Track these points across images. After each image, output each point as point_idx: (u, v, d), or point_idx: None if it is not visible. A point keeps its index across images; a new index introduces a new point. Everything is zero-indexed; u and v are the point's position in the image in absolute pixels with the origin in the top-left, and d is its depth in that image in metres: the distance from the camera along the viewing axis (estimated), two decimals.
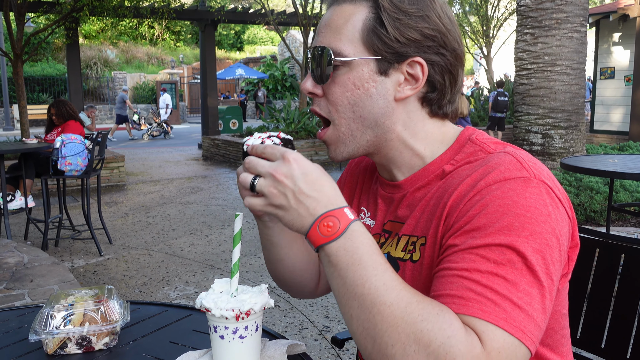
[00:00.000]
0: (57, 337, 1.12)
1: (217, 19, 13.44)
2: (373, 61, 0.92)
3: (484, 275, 0.76)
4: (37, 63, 26.20)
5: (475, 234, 0.80)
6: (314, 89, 0.97)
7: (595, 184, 5.06)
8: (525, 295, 0.76)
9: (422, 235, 0.92)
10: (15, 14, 9.06)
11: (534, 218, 0.79)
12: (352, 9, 0.93)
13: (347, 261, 0.79)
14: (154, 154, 13.74)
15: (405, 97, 0.94)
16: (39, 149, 5.33)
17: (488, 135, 0.99)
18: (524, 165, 0.84)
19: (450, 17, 0.95)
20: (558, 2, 6.21)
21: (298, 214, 0.83)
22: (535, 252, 0.77)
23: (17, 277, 3.51)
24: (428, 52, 0.92)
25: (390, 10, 0.90)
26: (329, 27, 0.95)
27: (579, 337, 1.50)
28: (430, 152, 0.98)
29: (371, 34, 0.91)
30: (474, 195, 0.83)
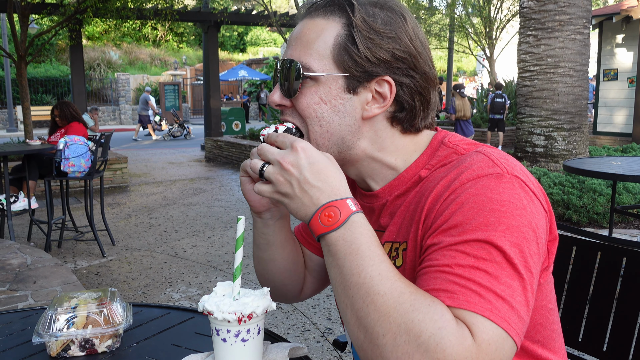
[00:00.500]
0: (60, 339, 1.12)
1: (220, 20, 13.46)
2: (342, 78, 0.93)
3: (465, 269, 0.77)
4: (41, 64, 26.27)
5: (453, 232, 0.81)
6: (281, 100, 0.97)
7: (598, 186, 5.05)
8: (507, 288, 0.76)
9: (404, 240, 0.93)
10: (19, 16, 9.09)
11: (509, 212, 0.80)
12: (325, 24, 0.94)
13: (345, 251, 0.81)
14: (157, 156, 13.76)
15: (373, 115, 0.95)
16: (42, 151, 5.35)
17: (460, 136, 0.99)
18: (496, 162, 0.86)
19: (422, 40, 0.95)
20: (561, 4, 6.20)
21: (302, 202, 0.84)
22: (513, 245, 0.78)
23: (20, 278, 3.52)
24: (397, 73, 0.93)
25: (362, 29, 0.91)
26: (299, 41, 0.95)
27: (581, 340, 1.50)
28: (403, 161, 0.99)
29: (342, 51, 0.92)
30: (449, 194, 0.84)
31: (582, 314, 1.51)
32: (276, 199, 0.88)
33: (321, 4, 0.96)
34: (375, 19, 0.91)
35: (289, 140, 0.87)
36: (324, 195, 0.84)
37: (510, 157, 0.90)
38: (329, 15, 0.94)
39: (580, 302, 1.52)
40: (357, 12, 0.91)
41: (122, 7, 10.23)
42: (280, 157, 0.86)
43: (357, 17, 0.91)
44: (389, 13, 0.93)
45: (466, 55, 25.42)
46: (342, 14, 0.93)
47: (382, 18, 0.92)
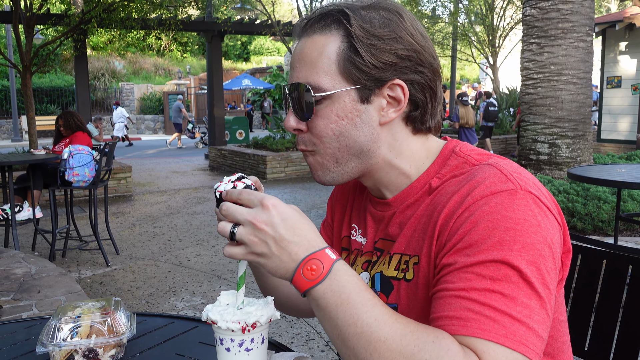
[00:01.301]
0: (64, 349, 1.12)
1: (223, 30, 13.52)
2: (353, 90, 0.91)
3: (481, 293, 0.76)
4: (46, 74, 26.41)
5: (469, 252, 0.80)
6: (298, 125, 0.96)
7: (602, 194, 5.04)
8: (524, 309, 0.76)
9: (415, 254, 0.92)
10: (24, 26, 9.15)
11: (524, 230, 0.79)
12: (324, 40, 0.92)
13: (336, 302, 0.79)
14: (161, 165, 13.79)
15: (390, 120, 0.94)
16: (47, 160, 5.36)
17: (471, 146, 0.98)
18: (508, 177, 0.85)
19: (422, 33, 0.94)
20: (564, 12, 6.21)
21: (280, 260, 0.82)
22: (530, 263, 0.78)
23: (24, 288, 3.52)
24: (406, 72, 0.92)
25: (362, 37, 0.89)
26: (303, 61, 0.94)
27: (587, 349, 1.49)
28: (416, 169, 0.98)
29: (347, 63, 0.90)
30: (462, 211, 0.83)
31: (588, 322, 1.50)
32: (251, 260, 0.85)
33: (315, 19, 0.94)
34: (373, 23, 0.90)
35: (256, 198, 0.83)
36: (302, 249, 0.81)
37: (522, 170, 0.89)
38: (326, 29, 0.92)
39: (586, 310, 1.51)
40: (354, 21, 0.90)
41: (127, 17, 10.30)
42: (251, 217, 0.82)
43: (354, 27, 0.89)
44: (384, 14, 0.91)
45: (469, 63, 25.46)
46: (338, 26, 0.91)
47: (379, 21, 0.90)
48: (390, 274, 0.96)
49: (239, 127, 16.06)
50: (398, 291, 0.94)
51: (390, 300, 0.96)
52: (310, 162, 0.98)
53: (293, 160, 11.10)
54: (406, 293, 0.93)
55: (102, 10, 9.44)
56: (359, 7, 0.92)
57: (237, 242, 0.84)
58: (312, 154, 0.97)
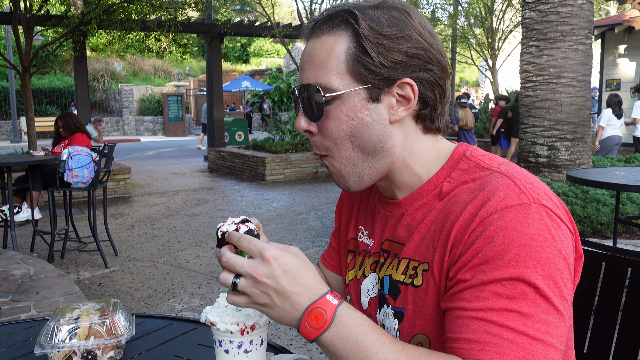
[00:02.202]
0: (62, 350, 1.12)
1: (223, 32, 13.53)
2: (363, 90, 0.92)
3: (498, 313, 0.77)
4: (45, 76, 26.40)
5: (485, 268, 0.80)
6: (308, 126, 0.96)
7: (601, 197, 5.04)
8: (543, 325, 0.77)
9: (425, 260, 0.92)
10: (24, 28, 9.16)
11: (539, 245, 0.79)
12: (333, 41, 0.92)
13: (345, 347, 0.80)
14: (160, 166, 13.79)
15: (400, 118, 0.94)
16: (46, 161, 5.36)
17: (482, 151, 0.99)
18: (522, 189, 0.85)
19: (430, 31, 0.94)
20: (563, 15, 6.22)
21: (284, 310, 0.83)
22: (546, 278, 0.78)
23: (23, 289, 3.52)
24: (415, 70, 0.92)
25: (371, 36, 0.89)
26: (312, 62, 0.94)
27: (586, 352, 1.49)
28: (427, 170, 0.98)
29: (356, 63, 0.90)
30: (477, 225, 0.83)
31: (587, 325, 1.50)
32: (253, 309, 0.86)
33: (323, 20, 0.95)
34: (381, 22, 0.90)
35: (256, 249, 0.83)
36: (304, 298, 0.82)
37: (534, 180, 0.89)
38: (334, 30, 0.93)
39: (585, 313, 1.51)
40: (362, 21, 0.90)
41: (126, 18, 10.30)
42: (252, 270, 0.82)
43: (362, 27, 0.90)
44: (392, 13, 0.91)
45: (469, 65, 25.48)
46: (347, 27, 0.91)
47: (387, 20, 0.90)
48: (398, 278, 0.96)
49: (239, 128, 16.06)
50: (405, 296, 0.94)
51: (397, 304, 0.96)
52: (328, 167, 0.99)
53: (292, 162, 11.11)
54: (413, 299, 0.93)
55: (101, 12, 9.44)
56: (366, 7, 0.92)
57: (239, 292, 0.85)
58: (328, 158, 0.97)
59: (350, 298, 1.12)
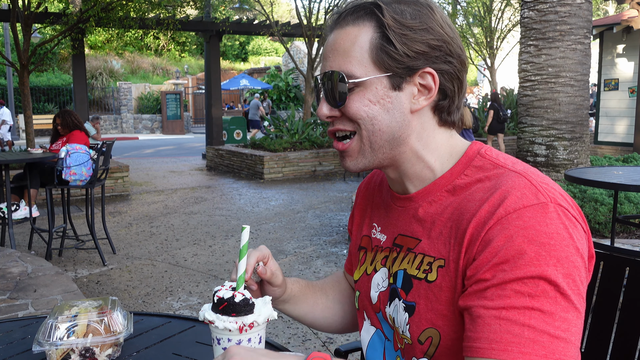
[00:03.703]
0: (60, 348, 1.12)
1: (222, 30, 13.52)
2: (385, 78, 0.94)
3: (520, 311, 0.79)
4: (43, 73, 26.35)
5: (505, 267, 0.81)
6: (331, 112, 0.98)
7: (599, 196, 5.04)
8: (563, 323, 0.78)
9: (440, 257, 0.93)
10: (22, 25, 9.14)
11: (558, 244, 0.81)
12: (357, 31, 0.95)
13: None
14: (158, 164, 13.77)
15: (421, 107, 0.96)
16: (44, 159, 5.35)
17: (495, 150, 1.00)
18: (539, 189, 0.86)
19: (451, 25, 0.97)
20: (562, 14, 6.22)
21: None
22: (566, 276, 0.80)
23: (20, 286, 3.51)
24: (437, 61, 0.94)
25: (395, 27, 0.92)
26: (336, 51, 0.96)
27: (584, 350, 1.49)
28: (440, 164, 0.99)
29: (380, 52, 0.93)
30: (494, 223, 0.84)
31: (585, 323, 1.50)
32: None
33: (348, 12, 0.97)
34: (404, 15, 0.93)
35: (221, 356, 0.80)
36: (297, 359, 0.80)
37: (549, 180, 0.90)
38: (359, 21, 0.95)
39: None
40: (386, 12, 0.93)
41: (125, 16, 10.28)
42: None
43: (387, 17, 0.92)
44: (415, 7, 0.94)
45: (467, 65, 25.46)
46: (371, 18, 0.94)
47: (410, 13, 0.93)
48: (412, 272, 0.97)
49: (237, 127, 16.05)
50: (418, 290, 0.95)
51: (409, 298, 0.97)
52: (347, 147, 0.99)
53: (291, 161, 11.10)
54: (426, 294, 0.94)
55: (100, 9, 9.43)
56: (390, 0, 0.95)
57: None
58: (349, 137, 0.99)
59: (359, 293, 1.14)
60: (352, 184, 10.09)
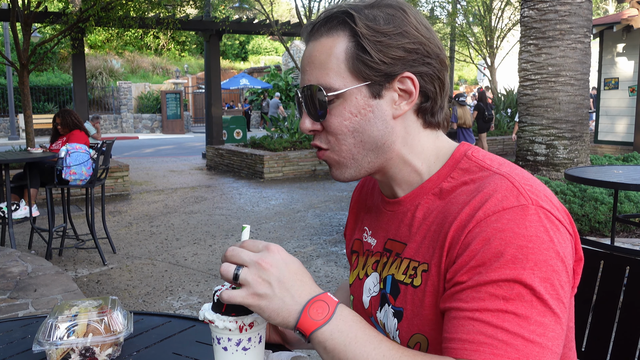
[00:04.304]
0: (60, 348, 1.12)
1: (221, 29, 13.51)
2: (364, 87, 0.93)
3: (494, 314, 0.78)
4: (43, 73, 26.33)
5: (481, 270, 0.80)
6: (313, 126, 0.97)
7: (599, 195, 5.04)
8: (538, 327, 0.77)
9: (424, 261, 0.92)
10: (21, 24, 9.13)
11: (537, 247, 0.79)
12: (331, 42, 0.93)
13: (344, 341, 0.81)
14: (158, 164, 13.77)
15: (403, 112, 0.95)
16: (43, 159, 5.35)
17: (483, 151, 0.99)
18: (520, 191, 0.85)
19: (426, 25, 0.96)
20: (562, 13, 6.22)
21: (283, 302, 0.83)
22: (543, 280, 0.78)
23: (20, 286, 3.51)
24: (415, 65, 0.93)
25: (369, 35, 0.91)
26: (312, 64, 0.95)
27: (584, 350, 1.49)
28: (427, 167, 0.98)
29: (356, 61, 0.92)
30: (473, 226, 0.83)
31: (586, 323, 1.50)
32: (249, 303, 0.85)
33: (321, 23, 0.96)
34: (377, 20, 0.91)
35: (261, 244, 0.87)
36: (305, 292, 0.84)
37: (534, 181, 0.89)
38: (332, 32, 0.94)
39: (584, 311, 1.51)
40: (359, 20, 0.91)
41: (125, 16, 10.28)
42: (257, 257, 0.84)
43: (360, 26, 0.91)
44: (388, 11, 0.93)
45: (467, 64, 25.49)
46: (344, 27, 0.93)
47: (383, 18, 0.92)
48: (399, 277, 0.97)
49: (237, 126, 16.05)
50: (404, 296, 0.95)
51: (397, 304, 0.96)
52: (327, 158, 0.99)
53: (291, 160, 11.10)
54: (412, 299, 0.93)
55: (100, 9, 9.42)
56: (362, 6, 0.93)
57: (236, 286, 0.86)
58: (328, 152, 0.98)
59: (353, 298, 1.13)
60: (352, 184, 10.09)
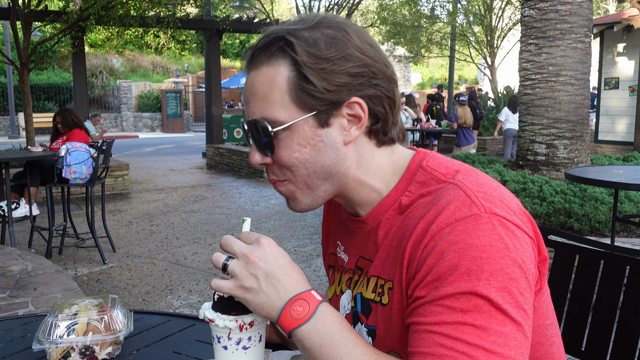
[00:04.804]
0: (60, 346, 1.12)
1: (222, 28, 13.50)
2: (311, 117, 0.89)
3: (452, 326, 0.77)
4: (43, 71, 26.34)
5: (438, 284, 0.79)
6: (263, 160, 0.94)
7: (599, 195, 5.04)
8: (499, 337, 0.76)
9: (389, 278, 0.91)
10: (22, 23, 9.13)
11: (491, 257, 0.78)
12: (272, 72, 0.88)
13: (320, 342, 0.81)
14: (159, 163, 13.77)
15: (354, 138, 0.91)
16: (44, 157, 5.35)
17: (440, 157, 0.96)
18: (472, 200, 0.83)
19: (371, 43, 0.91)
20: (562, 13, 6.21)
21: (268, 297, 0.84)
22: (500, 290, 0.77)
23: (20, 285, 3.51)
24: (362, 88, 0.89)
25: (310, 63, 0.86)
26: (255, 96, 0.91)
27: (584, 349, 1.49)
28: (385, 184, 0.96)
29: (300, 92, 0.87)
30: (428, 241, 0.82)
31: (585, 322, 1.50)
32: (236, 295, 0.86)
33: (259, 50, 0.90)
34: (318, 45, 0.87)
35: (253, 236, 0.88)
36: (290, 288, 0.84)
37: (488, 187, 0.87)
38: (272, 60, 0.89)
39: (583, 310, 1.51)
40: (298, 48, 0.86)
41: (125, 14, 10.27)
42: (247, 250, 0.85)
43: (300, 54, 0.86)
44: (329, 32, 0.88)
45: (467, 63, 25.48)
46: (284, 55, 0.87)
47: (324, 42, 0.87)
48: (368, 296, 0.96)
49: (237, 125, 16.05)
50: (376, 314, 0.94)
51: (369, 323, 0.96)
52: (282, 191, 0.96)
53: None
54: (382, 317, 0.93)
55: (100, 8, 9.41)
56: (301, 29, 0.88)
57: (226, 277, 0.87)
58: (284, 184, 0.96)
59: None
60: None
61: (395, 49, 23.81)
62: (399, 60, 25.64)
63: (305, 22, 0.90)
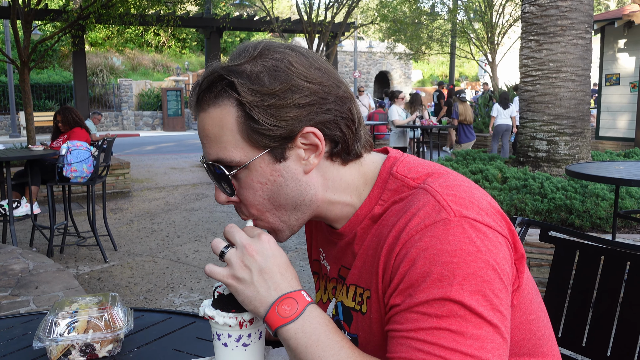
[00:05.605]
0: (60, 344, 1.12)
1: (222, 26, 13.51)
2: (266, 155, 0.88)
3: (428, 332, 0.77)
4: (44, 70, 26.33)
5: (411, 291, 0.79)
6: (228, 199, 0.94)
7: (600, 191, 5.03)
8: (475, 341, 0.76)
9: (367, 287, 0.91)
10: (22, 22, 9.13)
11: (463, 261, 0.78)
12: (220, 113, 0.87)
13: (306, 343, 0.81)
14: (159, 161, 13.78)
15: (314, 166, 0.90)
16: (44, 156, 5.35)
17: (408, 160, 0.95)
18: (441, 204, 0.82)
19: (318, 66, 0.89)
20: (563, 9, 6.20)
21: (257, 291, 0.85)
22: (474, 294, 0.77)
23: (22, 283, 3.52)
24: (313, 116, 0.87)
25: (255, 101, 0.84)
26: (208, 138, 0.90)
27: (585, 345, 1.49)
28: (358, 197, 0.96)
29: (250, 132, 0.86)
30: (400, 248, 0.82)
31: (586, 318, 1.50)
32: (227, 283, 0.86)
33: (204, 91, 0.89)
34: (262, 80, 0.84)
35: (256, 232, 0.89)
36: (281, 286, 0.85)
37: (458, 188, 0.86)
38: (218, 100, 0.87)
39: (584, 306, 1.51)
40: (240, 87, 0.84)
41: (125, 13, 10.27)
42: (247, 242, 0.86)
43: (243, 94, 0.84)
44: (271, 64, 0.86)
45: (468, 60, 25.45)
46: (229, 95, 0.86)
47: (268, 75, 0.85)
48: (349, 304, 0.96)
49: None
50: (357, 322, 0.94)
51: (351, 331, 0.96)
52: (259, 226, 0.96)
53: None
54: (362, 325, 0.93)
55: (100, 6, 9.42)
56: (243, 63, 0.86)
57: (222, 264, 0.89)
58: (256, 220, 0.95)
59: None
60: None
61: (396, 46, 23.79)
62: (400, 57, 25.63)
63: (246, 54, 0.88)
